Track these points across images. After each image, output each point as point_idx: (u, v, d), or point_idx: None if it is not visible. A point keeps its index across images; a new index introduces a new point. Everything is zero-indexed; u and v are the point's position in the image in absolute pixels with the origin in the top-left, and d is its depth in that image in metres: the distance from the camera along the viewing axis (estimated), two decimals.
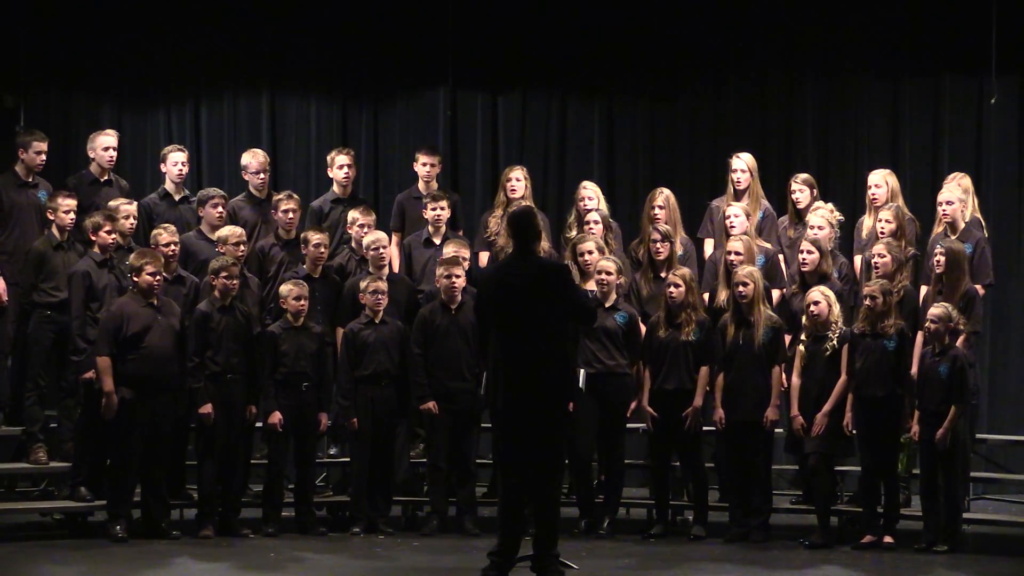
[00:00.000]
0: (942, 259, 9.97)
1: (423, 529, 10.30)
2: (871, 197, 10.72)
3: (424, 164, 11.35)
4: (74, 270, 10.11)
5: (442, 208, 10.95)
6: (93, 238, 10.19)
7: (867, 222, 10.74)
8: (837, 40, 12.58)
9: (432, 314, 10.33)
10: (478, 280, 8.75)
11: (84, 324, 10.05)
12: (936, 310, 9.65)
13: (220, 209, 10.85)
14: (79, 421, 10.12)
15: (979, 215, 10.76)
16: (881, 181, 10.74)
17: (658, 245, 10.60)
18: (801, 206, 10.92)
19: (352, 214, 10.91)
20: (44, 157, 10.73)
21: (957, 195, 10.45)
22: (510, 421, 8.23)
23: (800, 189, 10.95)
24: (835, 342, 9.87)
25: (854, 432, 9.88)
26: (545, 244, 10.90)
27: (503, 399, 8.22)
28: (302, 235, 10.70)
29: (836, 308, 9.92)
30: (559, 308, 8.24)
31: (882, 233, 10.34)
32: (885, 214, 10.44)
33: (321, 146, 12.65)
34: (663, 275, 10.51)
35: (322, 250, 10.61)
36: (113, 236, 10.19)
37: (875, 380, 9.74)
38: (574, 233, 10.98)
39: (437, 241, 10.89)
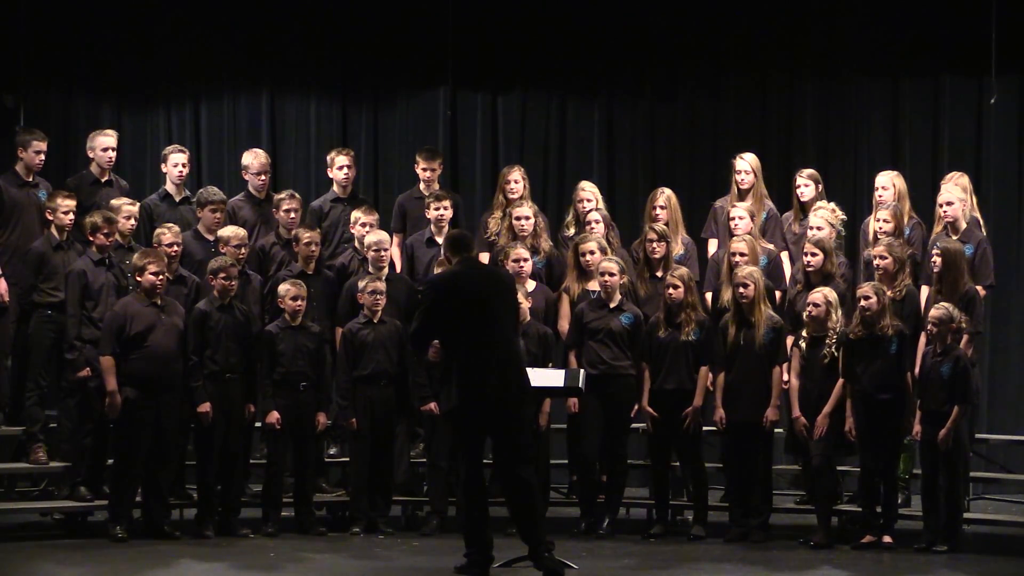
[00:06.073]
0: (939, 259, 9.97)
1: (423, 529, 10.30)
2: (877, 199, 10.71)
3: (424, 169, 11.36)
4: (70, 269, 10.12)
5: (445, 208, 10.95)
6: (91, 238, 10.20)
7: (873, 224, 10.71)
8: (837, 40, 12.58)
9: None
10: (435, 286, 8.73)
11: (79, 323, 10.05)
12: (936, 311, 9.63)
13: (218, 215, 10.83)
14: (74, 420, 10.12)
15: (978, 214, 10.77)
16: (888, 183, 10.73)
17: (654, 245, 10.61)
18: (805, 199, 10.92)
19: (355, 214, 10.92)
20: (43, 156, 10.73)
21: (957, 195, 10.45)
22: (474, 414, 8.40)
23: (805, 183, 10.94)
24: (833, 346, 9.86)
25: (850, 434, 9.86)
26: (546, 244, 10.95)
27: (464, 394, 8.38)
28: (293, 232, 10.71)
29: (837, 311, 9.90)
30: (511, 307, 8.71)
31: (882, 233, 10.34)
32: (883, 214, 10.44)
33: (321, 146, 12.64)
34: (659, 275, 10.52)
35: (313, 248, 10.62)
36: (111, 237, 10.19)
37: (878, 384, 9.71)
38: (571, 232, 10.99)
39: (440, 240, 10.88)
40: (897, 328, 9.77)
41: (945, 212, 10.39)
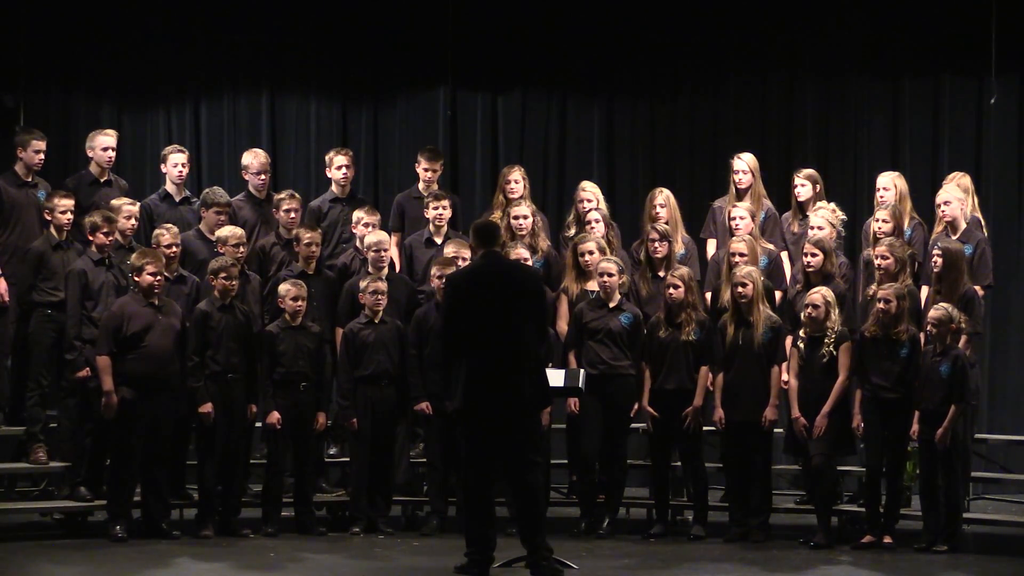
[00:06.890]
0: (939, 259, 9.98)
1: (423, 529, 10.30)
2: (879, 199, 10.70)
3: (425, 170, 11.35)
4: (70, 269, 10.13)
5: (444, 208, 10.95)
6: (91, 238, 10.20)
7: (873, 224, 10.70)
8: (837, 40, 12.59)
9: (427, 314, 10.33)
10: (453, 282, 8.61)
11: (79, 323, 10.05)
12: (936, 312, 9.64)
13: (223, 217, 10.82)
14: (74, 420, 10.12)
15: (979, 215, 10.77)
16: (889, 184, 10.74)
17: (656, 244, 10.61)
18: (802, 199, 10.93)
19: (357, 213, 10.93)
20: (43, 156, 10.73)
21: (956, 195, 10.46)
22: (484, 416, 8.28)
23: (802, 183, 10.96)
24: (831, 346, 9.85)
25: (858, 431, 9.85)
26: (544, 244, 10.96)
27: (475, 395, 8.26)
28: (294, 232, 10.72)
29: (835, 311, 9.89)
30: (531, 307, 8.44)
31: (881, 234, 10.34)
32: (882, 214, 10.45)
33: (321, 146, 12.64)
34: (661, 274, 10.53)
35: (313, 248, 10.62)
36: (111, 237, 10.19)
37: (888, 384, 9.71)
38: (572, 232, 10.99)
39: (439, 241, 10.89)
40: (911, 333, 9.77)
41: (943, 212, 10.41)
